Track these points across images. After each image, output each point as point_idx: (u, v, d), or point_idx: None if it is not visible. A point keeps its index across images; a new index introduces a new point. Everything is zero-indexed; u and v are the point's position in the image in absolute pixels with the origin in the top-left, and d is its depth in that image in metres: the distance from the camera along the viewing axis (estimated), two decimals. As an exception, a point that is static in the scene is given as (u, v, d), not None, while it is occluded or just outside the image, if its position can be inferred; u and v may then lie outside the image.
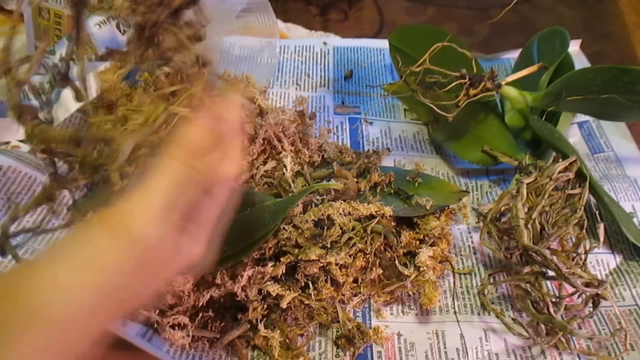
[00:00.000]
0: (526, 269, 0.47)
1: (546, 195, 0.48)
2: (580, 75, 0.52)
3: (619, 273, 0.52)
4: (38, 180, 0.51)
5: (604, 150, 0.64)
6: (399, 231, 0.50)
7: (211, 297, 0.44)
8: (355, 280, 0.49)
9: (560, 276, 0.44)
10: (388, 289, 0.49)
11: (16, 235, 0.36)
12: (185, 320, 0.44)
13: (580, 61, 0.69)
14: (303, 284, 0.46)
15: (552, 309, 0.45)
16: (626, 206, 0.55)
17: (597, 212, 0.53)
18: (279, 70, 0.72)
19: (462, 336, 0.47)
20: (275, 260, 0.46)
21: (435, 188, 0.56)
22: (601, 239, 0.49)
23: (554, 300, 0.45)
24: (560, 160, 0.50)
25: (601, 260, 0.53)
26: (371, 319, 0.49)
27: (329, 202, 0.48)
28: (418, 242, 0.50)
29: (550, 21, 0.82)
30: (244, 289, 0.44)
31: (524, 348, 0.47)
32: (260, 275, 0.45)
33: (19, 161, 0.51)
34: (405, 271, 0.47)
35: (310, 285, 0.46)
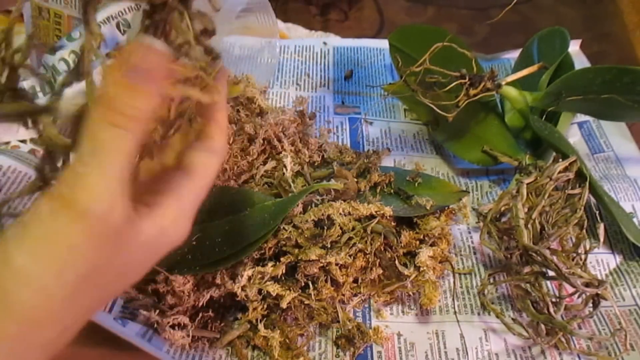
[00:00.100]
0: (526, 269, 0.47)
1: (546, 195, 0.48)
2: (580, 75, 0.52)
3: (619, 273, 0.52)
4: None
5: (604, 150, 0.64)
6: (399, 231, 0.50)
7: (211, 297, 0.44)
8: (355, 280, 0.49)
9: (560, 276, 0.44)
10: (388, 289, 0.49)
11: (7, 216, 0.35)
12: (185, 320, 0.44)
13: (580, 61, 0.69)
14: (303, 284, 0.46)
15: (552, 309, 0.45)
16: (626, 206, 0.55)
17: (597, 212, 0.53)
18: (279, 70, 0.72)
19: (462, 336, 0.47)
20: (275, 260, 0.46)
21: (435, 188, 0.56)
22: (601, 239, 0.49)
23: (554, 300, 0.45)
24: (560, 160, 0.50)
25: (601, 260, 0.53)
26: (371, 319, 0.49)
27: (329, 202, 0.48)
28: (418, 242, 0.50)
29: (550, 21, 0.82)
30: (244, 289, 0.44)
31: (524, 348, 0.47)
32: (260, 275, 0.45)
33: (19, 161, 0.51)
34: (405, 271, 0.47)
35: (310, 285, 0.46)
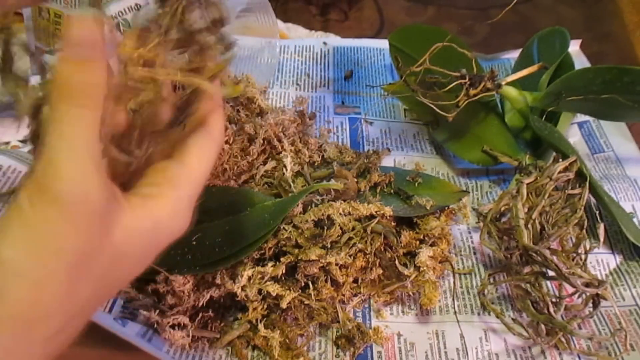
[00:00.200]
0: (526, 269, 0.47)
1: (546, 195, 0.48)
2: (580, 75, 0.52)
3: (619, 273, 0.52)
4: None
5: (604, 150, 0.64)
6: (399, 231, 0.50)
7: (211, 297, 0.44)
8: (355, 280, 0.49)
9: (560, 276, 0.44)
10: (388, 289, 0.49)
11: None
12: (185, 320, 0.44)
13: (580, 61, 0.69)
14: (303, 284, 0.46)
15: (552, 309, 0.45)
16: (626, 206, 0.55)
17: (597, 212, 0.53)
18: (279, 70, 0.72)
19: (462, 336, 0.47)
20: (275, 260, 0.46)
21: (435, 188, 0.56)
22: (601, 239, 0.49)
23: (554, 300, 0.45)
24: (560, 160, 0.50)
25: (601, 260, 0.53)
26: (371, 319, 0.49)
27: (329, 202, 0.48)
28: (418, 242, 0.50)
29: (550, 21, 0.82)
30: (244, 289, 0.44)
31: (524, 348, 0.47)
32: (260, 275, 0.45)
33: (19, 161, 0.51)
34: (405, 271, 0.47)
35: (310, 285, 0.46)
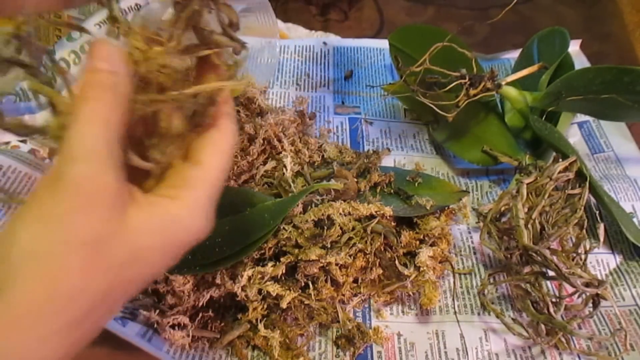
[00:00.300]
0: (526, 269, 0.47)
1: (546, 195, 0.48)
2: (580, 75, 0.52)
3: (619, 273, 0.52)
4: (38, 180, 0.51)
5: (604, 150, 0.64)
6: (399, 231, 0.50)
7: (211, 297, 0.44)
8: (355, 280, 0.49)
9: (560, 276, 0.44)
10: (388, 289, 0.49)
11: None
12: (185, 320, 0.44)
13: (580, 61, 0.69)
14: (303, 284, 0.46)
15: (552, 309, 0.45)
16: (626, 206, 0.55)
17: (597, 212, 0.53)
18: (279, 70, 0.72)
19: (462, 336, 0.47)
20: (275, 260, 0.46)
21: (435, 188, 0.56)
22: (601, 239, 0.49)
23: (554, 300, 0.45)
24: (560, 160, 0.50)
25: (601, 260, 0.53)
26: (371, 319, 0.49)
27: (329, 202, 0.48)
28: (418, 242, 0.50)
29: (550, 21, 0.82)
30: (244, 289, 0.44)
31: (524, 348, 0.47)
32: (260, 275, 0.45)
33: (19, 161, 0.51)
34: (405, 271, 0.47)
35: (310, 285, 0.46)
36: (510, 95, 0.58)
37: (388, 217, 0.49)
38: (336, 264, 0.46)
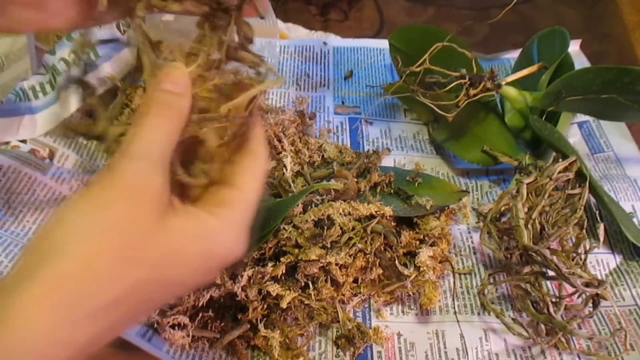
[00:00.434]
0: (526, 269, 0.47)
1: (546, 195, 0.48)
2: (580, 75, 0.52)
3: (619, 273, 0.52)
4: (38, 180, 0.51)
5: (604, 150, 0.64)
6: (399, 231, 0.50)
7: (211, 297, 0.44)
8: (355, 280, 0.49)
9: (560, 276, 0.44)
10: (388, 289, 0.49)
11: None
12: (185, 320, 0.44)
13: (580, 61, 0.69)
14: (303, 284, 0.46)
15: (552, 309, 0.45)
16: (626, 206, 0.55)
17: (597, 212, 0.53)
18: (279, 70, 0.72)
19: (462, 336, 0.47)
20: (275, 260, 0.46)
21: (435, 188, 0.56)
22: (601, 239, 0.49)
23: (554, 300, 0.45)
24: (560, 160, 0.50)
25: (601, 260, 0.53)
26: (371, 319, 0.49)
27: (329, 202, 0.48)
28: (418, 242, 0.50)
29: (550, 21, 0.82)
30: (244, 289, 0.44)
31: (524, 348, 0.47)
32: (260, 275, 0.45)
33: (19, 161, 0.51)
34: (405, 271, 0.47)
35: (310, 285, 0.46)
36: (510, 95, 0.58)
37: (388, 217, 0.49)
38: (336, 264, 0.46)
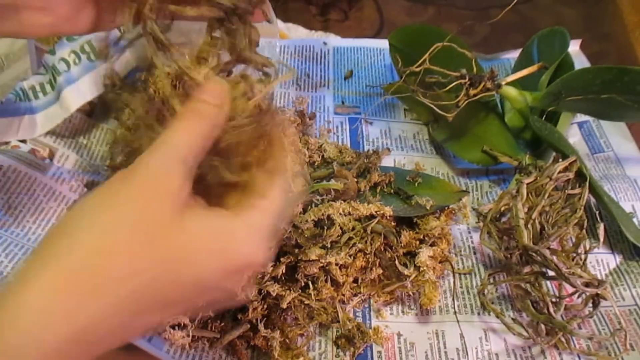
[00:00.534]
0: (526, 269, 0.47)
1: (546, 195, 0.48)
2: (580, 75, 0.52)
3: (619, 273, 0.52)
4: (38, 180, 0.51)
5: (604, 150, 0.64)
6: (399, 231, 0.50)
7: (211, 297, 0.44)
8: (355, 280, 0.49)
9: (560, 276, 0.44)
10: (388, 289, 0.49)
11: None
12: (185, 320, 0.43)
13: (580, 61, 0.69)
14: (303, 284, 0.46)
15: (552, 309, 0.45)
16: (626, 206, 0.55)
17: (597, 212, 0.53)
18: (279, 71, 0.72)
19: (462, 336, 0.47)
20: (275, 260, 0.46)
21: (435, 188, 0.56)
22: (601, 239, 0.49)
23: (554, 300, 0.45)
24: (560, 160, 0.50)
25: (601, 260, 0.53)
26: (371, 319, 0.49)
27: (329, 202, 0.48)
28: (418, 242, 0.50)
29: (550, 21, 0.82)
30: (243, 289, 0.44)
31: (524, 348, 0.47)
32: (260, 275, 0.45)
33: (19, 161, 0.51)
34: (405, 271, 0.47)
35: (310, 285, 0.46)
36: (510, 95, 0.58)
37: (388, 217, 0.49)
38: (336, 264, 0.46)
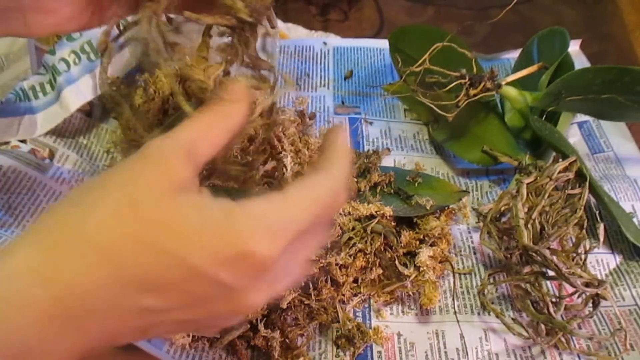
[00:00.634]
0: (526, 269, 0.47)
1: (546, 195, 0.48)
2: (580, 75, 0.52)
3: (619, 273, 0.52)
4: (38, 180, 0.51)
5: (604, 150, 0.64)
6: (399, 231, 0.50)
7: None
8: (355, 280, 0.49)
9: (560, 276, 0.44)
10: (388, 289, 0.49)
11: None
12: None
13: (580, 61, 0.69)
14: (303, 284, 0.46)
15: (552, 309, 0.45)
16: (626, 206, 0.55)
17: (597, 212, 0.53)
18: (279, 71, 0.72)
19: (462, 336, 0.47)
20: (275, 260, 0.46)
21: (435, 188, 0.56)
22: (601, 239, 0.49)
23: (554, 300, 0.45)
24: (560, 160, 0.50)
25: (601, 260, 0.53)
26: (371, 319, 0.49)
27: (329, 202, 0.48)
28: (418, 242, 0.50)
29: (550, 21, 0.82)
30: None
31: (524, 348, 0.47)
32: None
33: (19, 161, 0.51)
34: (405, 271, 0.47)
35: (310, 285, 0.46)
36: (510, 95, 0.58)
37: (388, 217, 0.49)
38: (336, 264, 0.46)
